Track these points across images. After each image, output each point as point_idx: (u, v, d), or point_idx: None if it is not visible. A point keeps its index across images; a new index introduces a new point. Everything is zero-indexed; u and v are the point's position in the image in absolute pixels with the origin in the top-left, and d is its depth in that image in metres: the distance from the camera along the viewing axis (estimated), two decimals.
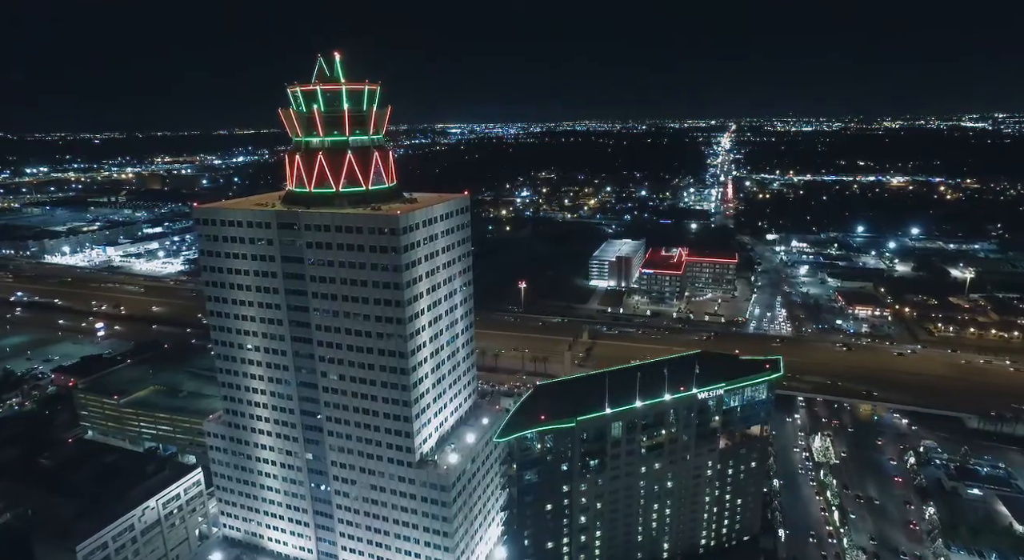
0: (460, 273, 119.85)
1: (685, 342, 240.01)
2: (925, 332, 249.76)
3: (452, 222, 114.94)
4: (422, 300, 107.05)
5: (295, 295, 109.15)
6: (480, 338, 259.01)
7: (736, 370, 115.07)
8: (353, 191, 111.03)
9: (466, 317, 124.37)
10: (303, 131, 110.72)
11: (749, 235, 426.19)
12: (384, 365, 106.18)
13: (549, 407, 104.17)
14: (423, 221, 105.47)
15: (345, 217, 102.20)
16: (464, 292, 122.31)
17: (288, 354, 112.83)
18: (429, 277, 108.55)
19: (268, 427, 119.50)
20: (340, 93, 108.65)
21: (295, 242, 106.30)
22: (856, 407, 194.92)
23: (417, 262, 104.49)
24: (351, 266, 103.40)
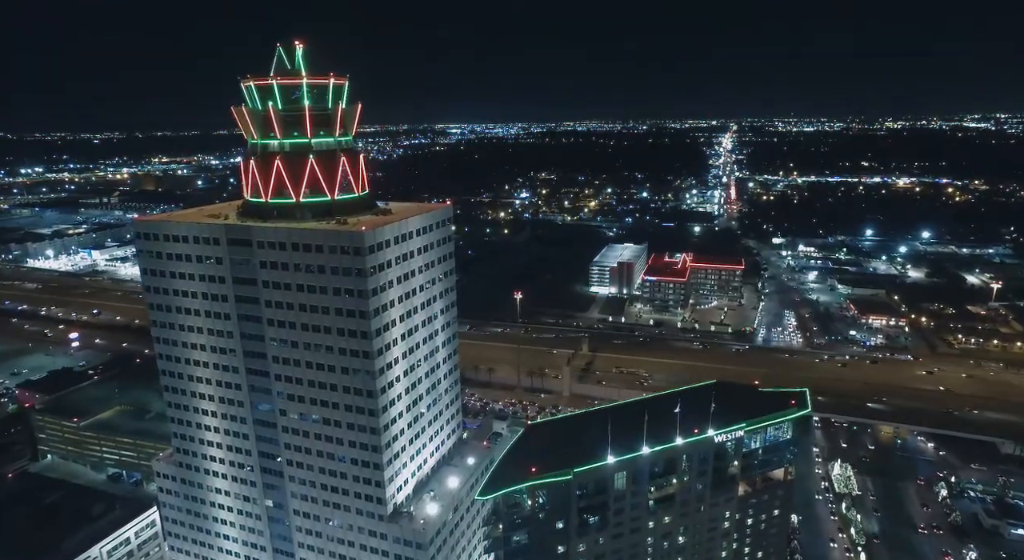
0: (441, 295, 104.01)
1: (691, 356, 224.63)
2: (944, 344, 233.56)
3: (431, 237, 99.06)
4: (394, 329, 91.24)
5: (249, 322, 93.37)
6: (474, 350, 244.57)
7: (757, 406, 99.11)
8: (316, 201, 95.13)
9: (449, 344, 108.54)
10: (259, 132, 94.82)
11: (754, 239, 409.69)
12: (350, 404, 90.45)
13: (541, 454, 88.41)
14: (395, 237, 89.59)
15: (302, 233, 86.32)
16: (446, 316, 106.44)
17: (243, 388, 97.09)
18: (403, 302, 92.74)
19: (223, 469, 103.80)
20: (300, 88, 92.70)
21: (248, 261, 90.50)
22: (877, 429, 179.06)
23: (388, 286, 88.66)
24: (310, 290, 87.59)
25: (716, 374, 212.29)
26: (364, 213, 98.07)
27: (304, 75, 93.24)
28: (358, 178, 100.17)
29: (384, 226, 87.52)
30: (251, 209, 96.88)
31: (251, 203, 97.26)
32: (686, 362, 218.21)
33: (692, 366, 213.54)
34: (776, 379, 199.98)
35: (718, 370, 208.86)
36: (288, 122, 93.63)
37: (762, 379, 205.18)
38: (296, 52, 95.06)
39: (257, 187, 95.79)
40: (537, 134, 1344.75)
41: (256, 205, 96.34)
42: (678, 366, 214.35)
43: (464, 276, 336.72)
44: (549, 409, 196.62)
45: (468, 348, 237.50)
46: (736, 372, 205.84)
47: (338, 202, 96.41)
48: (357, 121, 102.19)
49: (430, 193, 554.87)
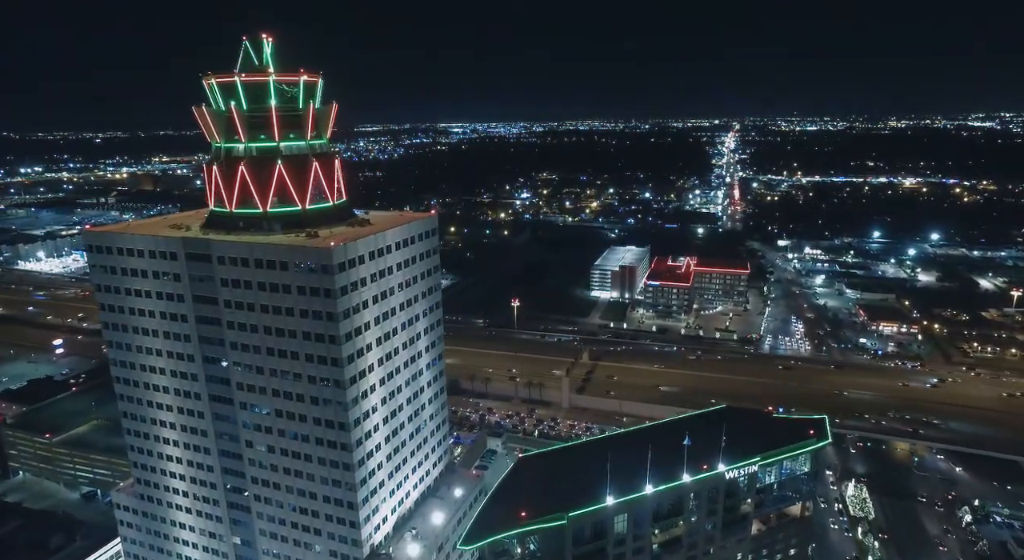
0: (425, 313, 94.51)
1: (695, 365, 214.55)
2: (959, 352, 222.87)
3: (413, 250, 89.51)
4: (370, 354, 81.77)
5: (211, 345, 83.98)
6: (470, 358, 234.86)
7: (771, 435, 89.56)
8: (285, 212, 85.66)
9: (434, 366, 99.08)
10: (222, 135, 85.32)
11: (759, 240, 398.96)
12: (321, 438, 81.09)
13: (533, 493, 79.08)
14: (371, 252, 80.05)
15: (265, 248, 76.81)
16: (431, 336, 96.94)
17: (206, 416, 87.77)
18: (380, 324, 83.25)
19: (187, 502, 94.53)
20: (267, 86, 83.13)
21: (209, 278, 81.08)
22: (892, 445, 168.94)
23: (362, 306, 79.18)
24: (275, 312, 78.16)
25: (721, 385, 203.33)
26: (339, 224, 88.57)
27: (271, 72, 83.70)
28: (333, 185, 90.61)
29: (358, 240, 77.95)
30: (215, 220, 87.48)
31: (215, 213, 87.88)
32: (690, 372, 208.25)
33: (696, 376, 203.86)
34: (784, 391, 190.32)
35: (723, 381, 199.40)
36: (254, 124, 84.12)
37: (770, 391, 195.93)
38: (264, 47, 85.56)
39: (221, 196, 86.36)
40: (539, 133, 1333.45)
41: (220, 215, 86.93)
42: (682, 376, 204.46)
43: (462, 279, 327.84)
44: (547, 422, 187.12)
45: (464, 356, 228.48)
46: (742, 383, 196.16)
47: (310, 212, 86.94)
48: (332, 123, 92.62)
49: (430, 193, 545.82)
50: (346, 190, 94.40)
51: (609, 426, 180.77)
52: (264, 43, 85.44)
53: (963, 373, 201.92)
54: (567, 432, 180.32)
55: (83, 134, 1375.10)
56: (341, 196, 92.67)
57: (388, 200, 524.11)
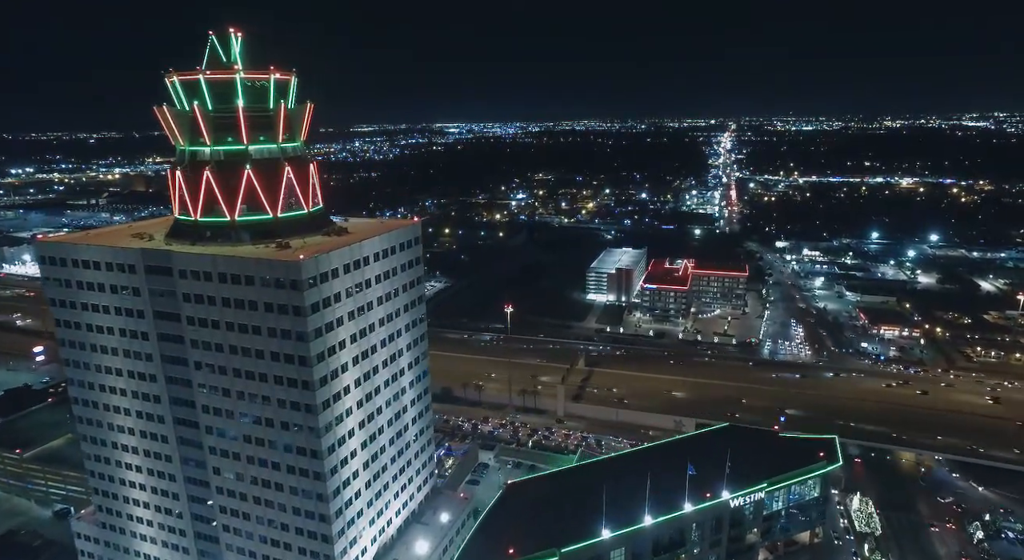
0: (408, 327, 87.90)
1: (693, 371, 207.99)
2: (962, 357, 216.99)
3: (394, 261, 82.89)
4: (346, 375, 75.18)
5: (175, 365, 77.26)
6: (463, 365, 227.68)
7: (778, 458, 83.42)
8: (255, 220, 78.96)
9: (418, 383, 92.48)
10: (186, 137, 78.62)
11: (757, 242, 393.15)
12: (293, 466, 74.46)
13: (523, 525, 72.72)
14: (346, 265, 73.43)
15: (229, 261, 70.10)
16: (415, 352, 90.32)
17: (171, 441, 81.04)
18: (357, 342, 76.65)
19: (151, 532, 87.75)
20: (234, 85, 76.38)
21: (171, 293, 74.37)
22: (896, 456, 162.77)
23: (336, 323, 72.57)
24: (241, 330, 71.50)
25: (720, 392, 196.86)
26: (315, 233, 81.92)
27: (239, 69, 76.93)
28: (308, 191, 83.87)
29: (331, 252, 71.29)
30: (180, 229, 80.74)
31: (179, 222, 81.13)
32: (689, 379, 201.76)
33: (695, 383, 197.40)
34: (786, 398, 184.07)
35: (722, 388, 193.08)
36: (220, 125, 77.36)
37: (771, 398, 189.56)
38: (232, 43, 78.77)
39: (185, 203, 79.59)
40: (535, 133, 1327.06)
41: (185, 225, 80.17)
42: (681, 383, 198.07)
43: (457, 282, 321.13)
44: (542, 431, 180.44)
45: (457, 362, 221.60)
46: (742, 390, 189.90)
47: (282, 221, 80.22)
48: (308, 124, 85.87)
49: (424, 194, 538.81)
50: (323, 196, 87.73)
51: (605, 435, 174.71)
52: (232, 38, 78.70)
53: (968, 379, 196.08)
54: (562, 442, 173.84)
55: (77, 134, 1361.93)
56: (317, 203, 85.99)
57: (383, 201, 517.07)
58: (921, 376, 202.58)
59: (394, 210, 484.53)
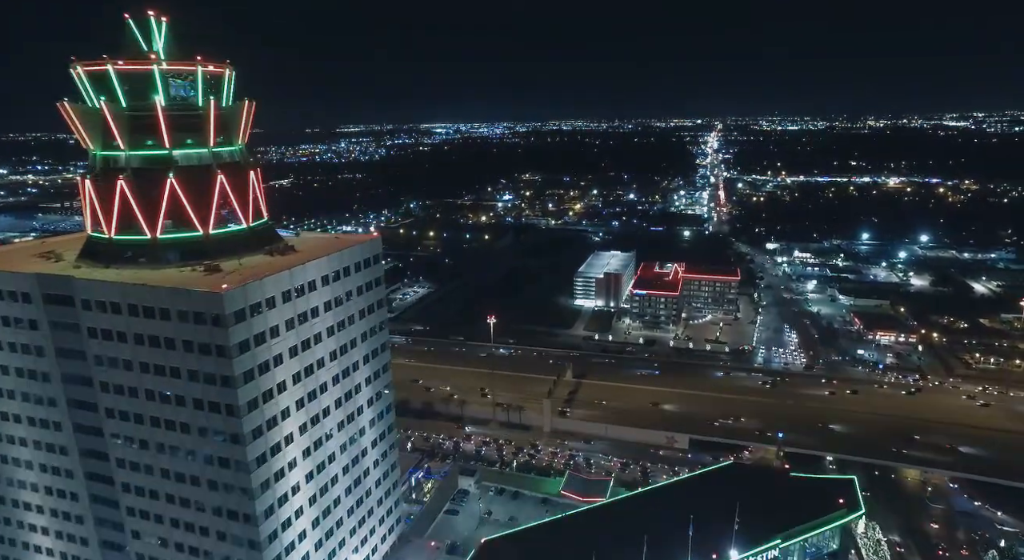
0: (367, 358, 75.85)
1: (685, 383, 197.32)
2: (961, 363, 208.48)
3: (348, 284, 70.83)
4: (287, 422, 63.08)
5: (83, 411, 64.71)
6: (444, 377, 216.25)
7: (791, 506, 72.55)
8: (181, 238, 66.51)
9: (381, 420, 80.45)
10: (97, 140, 65.96)
11: (747, 243, 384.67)
12: (224, 532, 62.24)
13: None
14: (285, 293, 61.28)
15: (138, 291, 57.64)
16: (376, 385, 78.27)
17: (82, 500, 68.41)
18: (302, 381, 64.57)
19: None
20: (151, 78, 63.90)
21: (75, 327, 61.82)
22: (901, 474, 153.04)
23: (273, 363, 60.43)
24: (158, 372, 59.15)
25: (714, 405, 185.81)
26: (255, 252, 69.60)
27: (157, 59, 64.40)
28: (247, 203, 71.49)
29: (265, 278, 59.09)
30: (93, 249, 68.06)
31: (92, 240, 68.43)
32: (681, 390, 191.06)
33: (688, 395, 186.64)
34: (783, 411, 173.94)
35: (716, 401, 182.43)
36: (137, 126, 64.76)
37: (767, 411, 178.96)
38: (154, 30, 66.23)
39: (98, 218, 66.92)
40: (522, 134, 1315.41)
41: (98, 244, 67.52)
42: (673, 395, 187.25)
43: (440, 288, 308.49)
44: (527, 450, 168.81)
45: (438, 374, 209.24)
46: (737, 403, 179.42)
47: (215, 238, 67.80)
48: (247, 125, 73.43)
49: (409, 195, 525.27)
50: (267, 207, 75.39)
51: (594, 453, 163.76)
52: (153, 23, 66.17)
53: (969, 388, 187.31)
54: (549, 461, 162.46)
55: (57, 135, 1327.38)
56: (260, 216, 73.64)
57: (366, 203, 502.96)
58: (920, 385, 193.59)
59: (377, 212, 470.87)
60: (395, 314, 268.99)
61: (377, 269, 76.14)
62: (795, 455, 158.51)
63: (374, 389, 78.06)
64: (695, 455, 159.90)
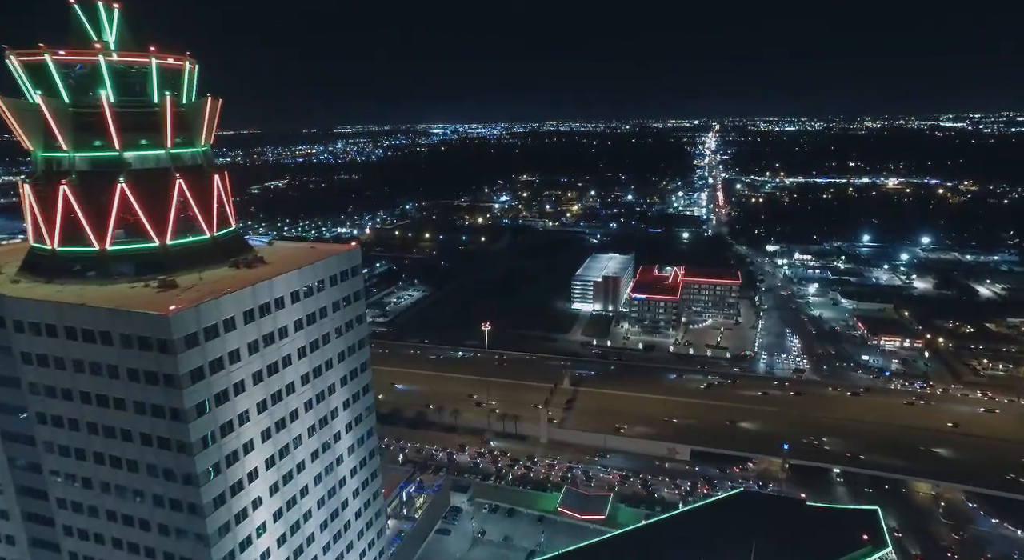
0: (345, 380, 68.62)
1: (687, 391, 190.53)
2: (968, 370, 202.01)
3: (322, 300, 63.60)
4: (251, 456, 55.76)
5: (18, 444, 57.28)
6: (438, 385, 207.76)
7: (810, 542, 65.52)
8: (135, 250, 59.17)
9: (361, 447, 73.25)
10: (35, 140, 58.57)
11: (746, 245, 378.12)
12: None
13: None
14: (248, 312, 53.98)
15: (75, 312, 50.32)
16: (357, 408, 71.11)
17: (20, 543, 60.86)
18: (268, 411, 57.29)
19: None
20: (97, 70, 56.56)
21: (6, 351, 54.44)
22: (912, 487, 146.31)
23: (234, 391, 53.13)
24: (101, 403, 51.80)
25: (717, 415, 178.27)
26: (219, 264, 62.28)
27: (104, 49, 57.04)
28: (211, 210, 64.13)
29: (223, 296, 51.79)
30: (35, 262, 60.59)
31: (34, 252, 61.02)
32: (682, 399, 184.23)
33: (688, 404, 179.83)
34: (788, 421, 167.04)
35: (719, 409, 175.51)
36: (83, 125, 57.37)
37: (772, 421, 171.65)
38: (103, 16, 58.90)
39: (39, 228, 59.56)
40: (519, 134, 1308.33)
41: (40, 256, 60.07)
42: (674, 404, 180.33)
43: (435, 291, 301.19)
44: (523, 462, 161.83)
45: (433, 381, 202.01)
46: (740, 412, 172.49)
47: (173, 250, 60.45)
48: (213, 125, 66.08)
49: (405, 196, 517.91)
50: (234, 215, 68.11)
51: (593, 465, 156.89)
52: (102, 10, 58.83)
53: (978, 395, 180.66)
54: (546, 473, 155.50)
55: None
56: (227, 224, 66.32)
57: (362, 204, 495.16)
58: (928, 392, 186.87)
59: (373, 214, 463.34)
60: (389, 318, 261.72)
61: (356, 282, 68.94)
62: (801, 467, 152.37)
63: (353, 413, 70.85)
64: (698, 467, 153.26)
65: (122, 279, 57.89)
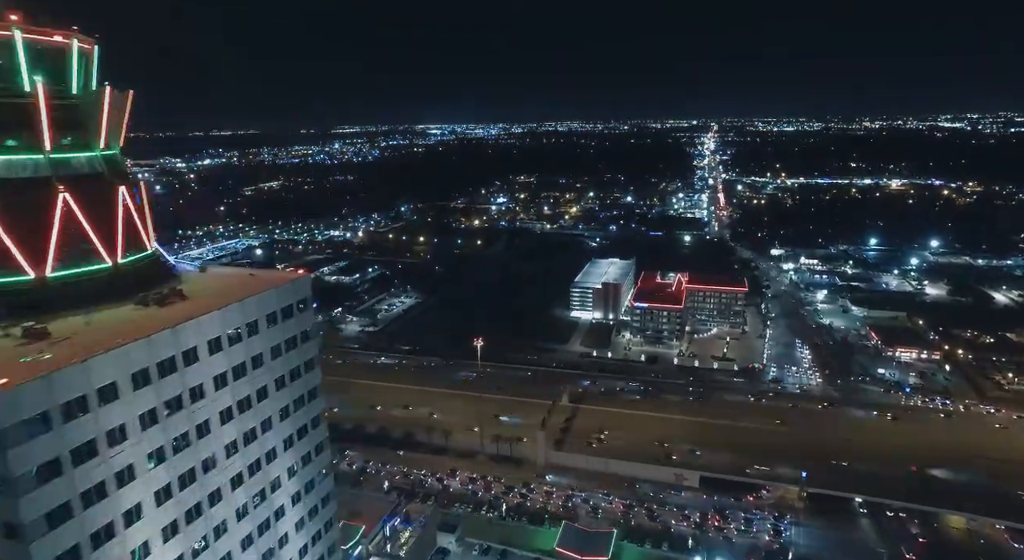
0: (291, 441, 54.29)
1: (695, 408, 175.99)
2: (992, 384, 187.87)
3: (258, 345, 49.22)
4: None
5: None
6: (428, 401, 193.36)
7: None
8: (2, 285, 44.90)
9: (314, 518, 58.83)
10: None
11: (750, 249, 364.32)
12: None
13: None
14: (141, 373, 39.57)
15: None
16: (309, 471, 56.84)
17: None
18: (176, 496, 43.03)
19: None
20: None
21: None
22: (945, 521, 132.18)
23: (116, 482, 38.79)
24: None
25: (728, 436, 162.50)
26: (122, 301, 47.85)
27: None
28: (115, 231, 49.67)
29: (95, 357, 37.35)
30: None
31: None
32: (689, 418, 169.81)
33: (695, 423, 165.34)
34: (807, 443, 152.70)
35: (730, 430, 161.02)
36: None
37: (789, 443, 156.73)
38: None
39: None
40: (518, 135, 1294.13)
41: None
42: (680, 424, 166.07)
43: (427, 298, 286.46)
44: (519, 489, 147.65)
45: (422, 398, 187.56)
46: (753, 432, 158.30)
47: (57, 284, 46.02)
48: (118, 123, 51.61)
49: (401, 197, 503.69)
50: (152, 234, 53.67)
51: (594, 493, 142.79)
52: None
53: (1004, 413, 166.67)
54: (544, 502, 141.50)
55: None
56: (139, 248, 51.86)
57: (357, 206, 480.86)
58: (952, 410, 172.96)
59: (367, 216, 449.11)
60: (379, 327, 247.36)
61: (304, 318, 54.65)
62: (820, 496, 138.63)
63: (302, 480, 56.57)
64: (709, 496, 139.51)
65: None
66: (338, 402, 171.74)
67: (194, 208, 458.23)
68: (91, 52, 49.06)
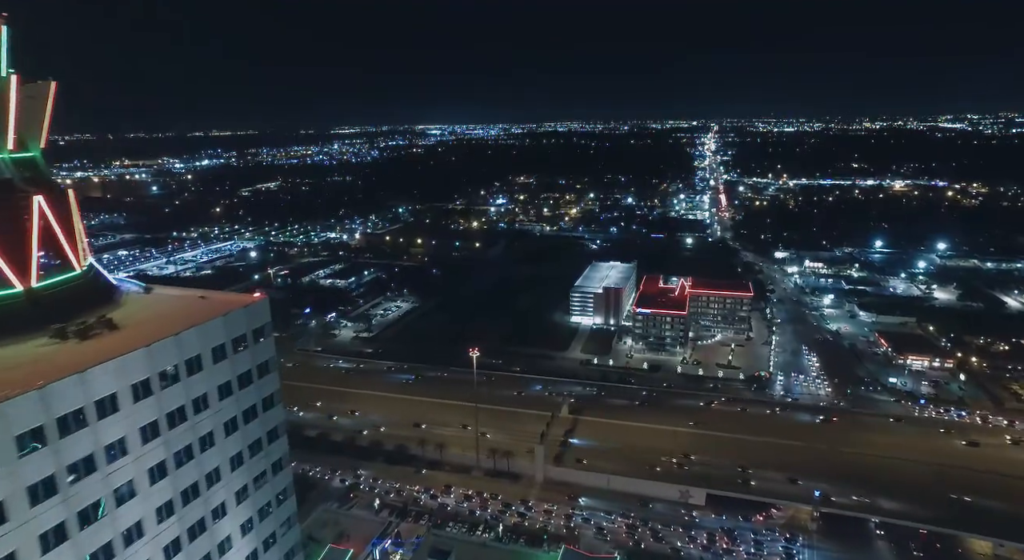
0: (245, 493, 46.03)
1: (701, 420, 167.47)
2: (1010, 395, 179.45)
3: (198, 386, 40.88)
4: None
5: None
6: (421, 412, 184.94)
7: None
8: None
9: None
10: None
11: (753, 251, 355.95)
12: None
13: None
14: (33, 433, 31.22)
15: None
16: (267, 526, 48.46)
17: None
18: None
19: None
20: None
21: None
22: (968, 545, 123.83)
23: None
24: None
25: (736, 450, 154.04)
26: (35, 333, 39.53)
27: None
28: (26, 249, 41.33)
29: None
30: None
31: None
32: (695, 430, 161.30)
33: (701, 436, 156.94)
34: (817, 458, 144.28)
35: (738, 443, 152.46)
36: None
37: (799, 459, 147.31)
38: None
39: None
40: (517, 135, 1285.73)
41: None
42: (686, 436, 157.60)
43: (424, 303, 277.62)
44: (516, 506, 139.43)
45: (416, 408, 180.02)
46: (762, 446, 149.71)
47: None
48: (36, 119, 43.28)
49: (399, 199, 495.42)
50: (86, 250, 45.28)
51: (596, 512, 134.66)
52: None
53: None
54: (543, 521, 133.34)
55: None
56: (65, 267, 43.55)
57: (353, 207, 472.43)
58: (968, 423, 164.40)
59: (364, 217, 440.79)
60: (373, 333, 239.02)
61: (263, 349, 46.32)
62: (833, 516, 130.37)
63: (260, 535, 48.28)
64: (716, 514, 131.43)
65: None
66: (324, 413, 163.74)
67: (190, 209, 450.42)
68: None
